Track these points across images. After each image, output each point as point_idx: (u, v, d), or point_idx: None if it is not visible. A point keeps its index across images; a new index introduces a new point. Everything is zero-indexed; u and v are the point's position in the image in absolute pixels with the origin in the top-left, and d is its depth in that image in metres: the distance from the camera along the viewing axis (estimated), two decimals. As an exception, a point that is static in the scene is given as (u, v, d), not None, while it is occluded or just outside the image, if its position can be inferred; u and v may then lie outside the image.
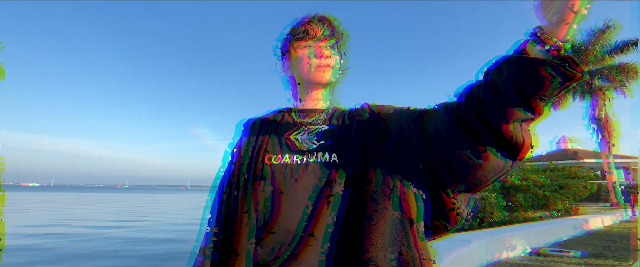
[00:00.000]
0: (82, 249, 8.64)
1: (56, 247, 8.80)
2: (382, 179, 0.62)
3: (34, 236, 10.53)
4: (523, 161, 0.58)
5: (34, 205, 27.67)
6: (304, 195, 0.63)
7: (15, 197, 43.39)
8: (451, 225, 0.63)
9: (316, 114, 0.81)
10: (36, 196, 46.72)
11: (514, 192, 10.11)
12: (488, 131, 0.55)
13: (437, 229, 0.64)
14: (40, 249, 8.68)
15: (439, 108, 0.67)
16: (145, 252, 8.37)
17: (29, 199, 37.06)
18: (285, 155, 0.71)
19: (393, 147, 0.66)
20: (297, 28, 0.79)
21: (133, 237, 10.76)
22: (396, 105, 0.79)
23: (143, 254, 8.16)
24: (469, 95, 0.58)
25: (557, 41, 0.48)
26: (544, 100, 0.51)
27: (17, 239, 9.88)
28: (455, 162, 0.59)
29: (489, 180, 0.59)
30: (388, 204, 0.60)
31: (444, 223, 0.63)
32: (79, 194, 59.89)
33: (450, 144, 0.59)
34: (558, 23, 0.47)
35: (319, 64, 0.77)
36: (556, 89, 0.49)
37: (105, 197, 49.69)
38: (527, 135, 0.54)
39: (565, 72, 0.48)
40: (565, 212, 11.02)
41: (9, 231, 13.06)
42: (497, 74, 0.53)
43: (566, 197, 10.58)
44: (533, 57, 0.50)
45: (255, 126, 0.81)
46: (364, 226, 0.59)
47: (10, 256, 8.38)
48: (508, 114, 0.52)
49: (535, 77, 0.49)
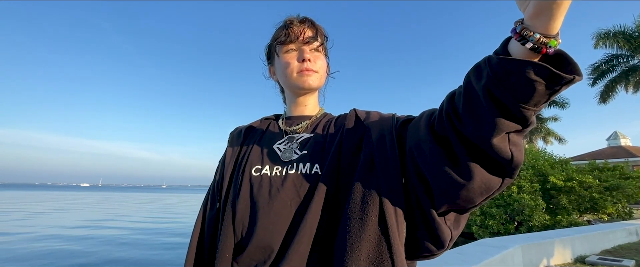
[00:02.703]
0: (119, 241, 9.94)
1: (102, 241, 9.87)
2: (361, 194, 0.57)
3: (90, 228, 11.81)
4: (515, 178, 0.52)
5: (87, 204, 30.47)
6: (282, 210, 0.60)
7: (72, 196, 47.94)
8: (435, 249, 0.56)
9: (302, 122, 0.77)
10: (88, 196, 51.46)
11: (556, 194, 9.39)
12: (468, 146, 0.48)
13: (420, 251, 0.57)
14: (94, 238, 9.84)
15: (422, 117, 0.59)
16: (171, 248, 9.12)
17: (84, 199, 40.74)
18: (265, 166, 0.68)
19: (369, 158, 0.61)
20: (279, 31, 0.76)
21: (162, 233, 11.70)
22: (385, 113, 0.73)
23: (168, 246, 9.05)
24: (447, 103, 0.51)
25: (541, 37, 0.39)
26: (531, 110, 0.42)
27: (73, 233, 11.07)
28: (435, 181, 0.52)
29: (478, 201, 0.51)
30: (366, 222, 0.54)
31: (426, 245, 0.56)
32: (123, 194, 65.04)
33: (429, 160, 0.52)
34: (536, 14, 0.38)
35: (300, 68, 0.74)
36: (542, 95, 0.41)
37: (146, 197, 53.35)
38: (516, 149, 0.46)
39: (551, 75, 0.39)
40: (617, 216, 10.02)
41: (71, 224, 14.63)
42: (476, 78, 0.46)
43: (618, 200, 9.60)
44: (510, 58, 0.41)
45: (240, 136, 0.79)
46: (341, 245, 0.54)
47: (70, 245, 9.61)
48: (489, 126, 0.44)
49: (515, 82, 0.41)
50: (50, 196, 46.72)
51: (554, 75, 0.39)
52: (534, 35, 0.39)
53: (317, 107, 0.83)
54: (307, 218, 0.58)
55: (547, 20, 0.38)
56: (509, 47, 0.44)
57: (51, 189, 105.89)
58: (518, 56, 0.42)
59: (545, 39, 0.39)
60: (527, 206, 8.74)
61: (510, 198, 9.16)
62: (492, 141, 0.45)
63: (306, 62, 0.73)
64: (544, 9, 0.38)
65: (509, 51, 0.44)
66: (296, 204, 0.61)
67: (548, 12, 0.38)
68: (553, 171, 9.87)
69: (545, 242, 4.34)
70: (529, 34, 0.40)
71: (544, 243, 4.32)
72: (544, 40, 0.39)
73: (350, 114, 0.74)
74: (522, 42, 0.40)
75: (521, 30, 0.40)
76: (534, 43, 0.40)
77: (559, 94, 0.42)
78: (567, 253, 4.58)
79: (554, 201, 9.40)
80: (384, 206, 0.55)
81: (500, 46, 0.45)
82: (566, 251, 4.57)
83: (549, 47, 0.40)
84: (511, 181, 0.50)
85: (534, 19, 0.39)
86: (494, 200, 9.71)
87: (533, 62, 0.40)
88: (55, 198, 40.35)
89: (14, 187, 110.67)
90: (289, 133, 0.76)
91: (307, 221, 0.57)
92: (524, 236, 4.78)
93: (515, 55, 0.43)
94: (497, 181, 0.49)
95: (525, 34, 0.40)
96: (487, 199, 0.51)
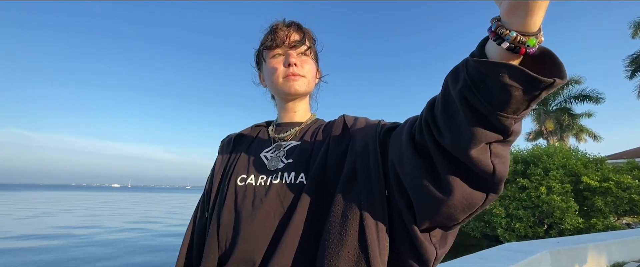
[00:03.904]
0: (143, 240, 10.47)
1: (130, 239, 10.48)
2: (342, 208, 0.54)
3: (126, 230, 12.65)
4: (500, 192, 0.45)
5: (120, 203, 32.39)
6: (265, 222, 0.59)
7: (104, 196, 50.93)
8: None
9: (291, 128, 0.75)
10: (120, 196, 54.61)
11: (590, 195, 8.79)
12: (447, 158, 0.44)
13: None
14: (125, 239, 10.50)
15: (405, 124, 0.55)
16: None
17: (117, 199, 43.26)
18: (251, 175, 0.67)
19: (351, 169, 0.58)
20: (265, 36, 0.74)
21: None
22: (373, 120, 0.69)
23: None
24: (427, 110, 0.47)
25: (518, 36, 0.34)
26: (510, 118, 0.38)
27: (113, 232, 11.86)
28: (415, 195, 0.48)
29: (460, 218, 0.47)
30: (345, 237, 0.51)
31: (410, 263, 0.52)
32: (150, 194, 68.67)
33: (409, 172, 0.49)
34: (511, 10, 0.34)
35: (286, 73, 0.72)
36: (520, 102, 0.36)
37: (171, 197, 55.76)
38: (499, 161, 0.42)
39: (528, 79, 0.35)
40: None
41: (108, 224, 15.70)
42: (453, 83, 0.42)
43: (661, 202, 8.83)
44: (484, 61, 0.37)
45: (230, 144, 0.78)
46: (321, 261, 0.52)
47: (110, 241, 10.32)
48: (466, 137, 0.40)
49: (491, 88, 0.37)
50: (93, 196, 49.86)
51: (531, 79, 0.34)
52: (510, 33, 0.35)
53: (307, 113, 0.81)
54: (289, 231, 0.55)
55: (524, 16, 0.33)
56: (486, 48, 0.39)
57: (87, 190, 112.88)
58: (495, 58, 0.37)
59: (522, 38, 0.35)
60: (557, 208, 8.25)
61: (539, 199, 8.69)
62: (470, 153, 0.40)
63: (292, 66, 0.71)
64: (519, 4, 0.33)
65: (485, 52, 0.39)
66: (280, 215, 0.59)
67: (523, 6, 0.33)
68: (586, 170, 9.24)
69: (578, 248, 4.06)
70: (504, 33, 0.35)
71: (576, 248, 4.03)
72: (522, 39, 0.35)
73: (338, 121, 0.72)
74: (498, 41, 0.36)
75: (496, 29, 0.36)
76: (511, 42, 0.35)
77: (539, 99, 0.37)
78: (602, 259, 4.25)
79: (588, 202, 8.80)
80: (365, 221, 0.52)
81: (477, 47, 0.40)
82: (601, 257, 4.25)
83: (527, 46, 0.35)
84: (496, 197, 0.45)
85: (509, 15, 0.34)
86: (521, 201, 9.26)
87: (507, 64, 0.35)
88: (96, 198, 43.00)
89: (55, 188, 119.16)
90: (277, 141, 0.74)
91: (289, 234, 0.55)
92: (553, 241, 4.49)
93: (492, 57, 0.38)
94: (479, 196, 0.44)
95: (500, 33, 0.36)
96: (471, 216, 0.47)
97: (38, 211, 21.56)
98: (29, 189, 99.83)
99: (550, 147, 10.99)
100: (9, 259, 8.29)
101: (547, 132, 17.07)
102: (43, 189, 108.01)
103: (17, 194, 50.48)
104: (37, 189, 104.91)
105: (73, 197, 45.71)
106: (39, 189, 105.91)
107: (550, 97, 17.13)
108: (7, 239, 10.88)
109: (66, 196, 47.94)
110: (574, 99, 16.68)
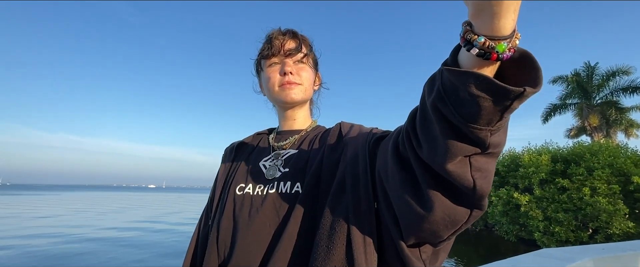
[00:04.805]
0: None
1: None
2: (330, 221, 0.53)
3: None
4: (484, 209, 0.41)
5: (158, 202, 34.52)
6: (260, 232, 0.59)
7: (140, 196, 54.50)
8: None
9: (291, 136, 0.75)
10: (156, 196, 58.23)
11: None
12: (427, 171, 0.41)
13: None
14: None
15: (393, 134, 0.52)
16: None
17: (153, 198, 46.21)
18: (248, 185, 0.67)
19: (341, 180, 0.56)
20: (263, 45, 0.74)
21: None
22: (367, 128, 0.67)
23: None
24: (408, 120, 0.44)
25: (486, 40, 0.31)
26: (484, 130, 0.35)
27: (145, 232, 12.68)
28: (398, 210, 0.46)
29: (444, 235, 0.44)
30: (332, 252, 0.50)
31: None
32: (182, 194, 72.52)
33: (392, 186, 0.47)
34: (477, 12, 0.30)
35: (282, 81, 0.72)
36: (492, 113, 0.33)
37: (203, 198, 58.25)
38: (480, 175, 0.39)
39: (497, 90, 0.31)
40: None
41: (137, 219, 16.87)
42: (428, 92, 0.39)
43: None
44: (453, 69, 0.34)
45: (232, 152, 0.79)
46: None
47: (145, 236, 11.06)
48: (441, 149, 0.38)
49: (462, 98, 0.34)
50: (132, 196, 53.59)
51: (499, 89, 0.31)
52: (477, 39, 0.31)
53: (307, 120, 0.80)
54: (283, 242, 0.55)
55: (491, 19, 0.30)
56: (459, 55, 0.36)
57: (126, 190, 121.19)
58: (466, 65, 0.34)
59: (491, 43, 0.31)
60: (603, 211, 7.58)
61: (581, 202, 8.03)
62: (446, 167, 0.38)
63: (288, 75, 0.71)
64: (484, 5, 0.29)
65: (458, 59, 0.36)
66: (275, 225, 0.59)
67: (488, 8, 0.29)
68: (638, 169, 8.40)
69: (626, 256, 3.68)
70: (472, 38, 0.32)
71: (624, 256, 3.66)
72: (491, 45, 0.31)
73: (334, 128, 0.71)
74: (467, 47, 0.33)
75: (464, 34, 0.33)
76: (480, 48, 0.32)
77: (513, 109, 0.33)
78: (656, 269, 3.84)
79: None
80: (352, 235, 0.50)
81: (451, 53, 0.37)
82: (655, 266, 3.84)
83: (498, 52, 0.31)
84: (481, 213, 0.42)
85: (475, 18, 0.31)
86: (561, 203, 8.61)
87: (474, 73, 0.32)
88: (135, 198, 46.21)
89: (101, 189, 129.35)
90: (276, 149, 0.74)
91: (282, 245, 0.55)
92: (598, 247, 4.10)
93: (463, 64, 0.35)
94: (463, 212, 0.41)
95: (469, 38, 0.32)
96: (456, 233, 0.44)
97: (104, 209, 23.77)
98: (80, 189, 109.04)
99: (595, 144, 10.12)
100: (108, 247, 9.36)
101: (591, 128, 15.68)
102: (90, 189, 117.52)
103: (71, 194, 55.25)
104: (85, 189, 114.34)
105: (118, 197, 49.27)
106: (87, 189, 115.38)
107: (594, 90, 15.76)
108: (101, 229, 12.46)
109: (112, 196, 51.89)
110: (622, 91, 15.20)
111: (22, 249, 9.02)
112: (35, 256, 8.33)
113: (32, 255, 8.39)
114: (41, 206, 25.10)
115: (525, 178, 10.07)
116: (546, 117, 17.06)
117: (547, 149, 10.90)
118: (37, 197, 38.79)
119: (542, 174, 9.53)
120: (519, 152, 11.87)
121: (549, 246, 8.28)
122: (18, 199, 35.11)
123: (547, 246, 8.41)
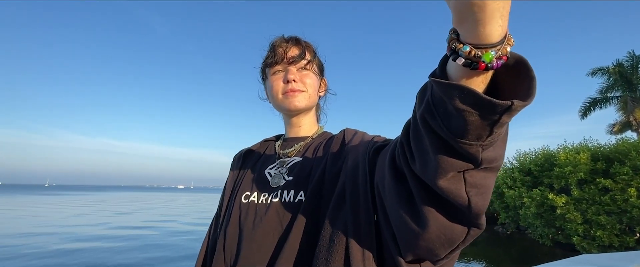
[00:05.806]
0: None
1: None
2: (330, 232, 0.52)
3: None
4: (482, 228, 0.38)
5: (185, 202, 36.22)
6: (264, 240, 0.59)
7: (168, 196, 57.25)
8: None
9: (296, 144, 0.75)
10: (183, 196, 61.08)
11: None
12: (421, 185, 0.39)
13: None
14: None
15: (391, 143, 0.50)
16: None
17: (182, 198, 48.60)
18: (254, 193, 0.67)
19: (341, 191, 0.55)
20: (267, 53, 0.75)
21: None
22: (370, 135, 0.65)
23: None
24: (403, 131, 0.42)
25: (471, 49, 0.28)
26: (474, 145, 0.32)
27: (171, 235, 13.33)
28: (395, 225, 0.44)
29: (441, 254, 0.41)
30: (331, 263, 0.49)
31: None
32: (208, 195, 75.29)
33: (388, 199, 0.45)
34: (459, 19, 0.28)
35: (285, 89, 0.71)
36: (480, 127, 0.31)
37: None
38: (475, 192, 0.36)
39: (482, 103, 0.29)
40: None
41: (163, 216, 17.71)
42: (419, 103, 0.37)
43: None
44: (439, 81, 0.32)
45: (239, 160, 0.80)
46: None
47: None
48: (432, 164, 0.35)
49: (450, 111, 0.31)
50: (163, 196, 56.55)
51: (483, 103, 0.28)
52: (462, 47, 0.29)
53: (314, 127, 0.80)
54: (285, 251, 0.55)
55: (475, 27, 0.27)
56: (447, 65, 0.33)
57: (157, 190, 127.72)
58: (455, 76, 0.32)
59: (477, 52, 0.28)
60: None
61: (627, 203, 7.39)
62: (438, 182, 0.35)
63: (291, 83, 0.71)
64: (465, 11, 0.27)
65: (446, 70, 0.33)
66: (278, 234, 0.59)
67: (470, 15, 0.26)
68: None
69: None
70: (457, 47, 0.29)
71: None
72: (477, 54, 0.28)
73: (338, 136, 0.70)
74: (453, 57, 0.30)
75: (450, 42, 0.30)
76: (465, 58, 0.29)
77: (503, 124, 0.30)
78: None
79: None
80: (350, 248, 0.49)
81: (439, 63, 0.34)
82: None
83: (485, 62, 0.28)
84: (480, 232, 0.39)
85: (458, 25, 0.29)
86: (603, 205, 7.97)
87: (458, 85, 0.30)
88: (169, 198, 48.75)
89: (134, 189, 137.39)
90: (281, 156, 0.74)
91: (284, 254, 0.55)
92: (646, 253, 3.76)
93: (451, 75, 0.32)
94: (460, 231, 0.39)
95: (454, 47, 0.29)
96: (454, 252, 0.41)
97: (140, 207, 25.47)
98: (116, 190, 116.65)
99: (642, 141, 9.27)
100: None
101: (636, 123, 14.38)
102: (125, 189, 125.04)
103: (109, 194, 59.12)
104: (121, 190, 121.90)
105: (151, 197, 52.14)
106: (122, 190, 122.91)
107: (639, 82, 14.46)
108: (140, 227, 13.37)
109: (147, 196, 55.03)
110: (672, 82, 13.84)
111: (68, 237, 10.65)
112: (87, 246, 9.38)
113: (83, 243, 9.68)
114: (81, 205, 27.27)
115: (561, 178, 9.47)
116: (585, 112, 15.86)
117: (586, 147, 10.15)
118: (79, 197, 41.95)
119: (581, 174, 8.90)
120: (554, 150, 11.17)
121: (590, 251, 7.69)
122: (60, 198, 38.09)
123: (587, 251, 7.83)
